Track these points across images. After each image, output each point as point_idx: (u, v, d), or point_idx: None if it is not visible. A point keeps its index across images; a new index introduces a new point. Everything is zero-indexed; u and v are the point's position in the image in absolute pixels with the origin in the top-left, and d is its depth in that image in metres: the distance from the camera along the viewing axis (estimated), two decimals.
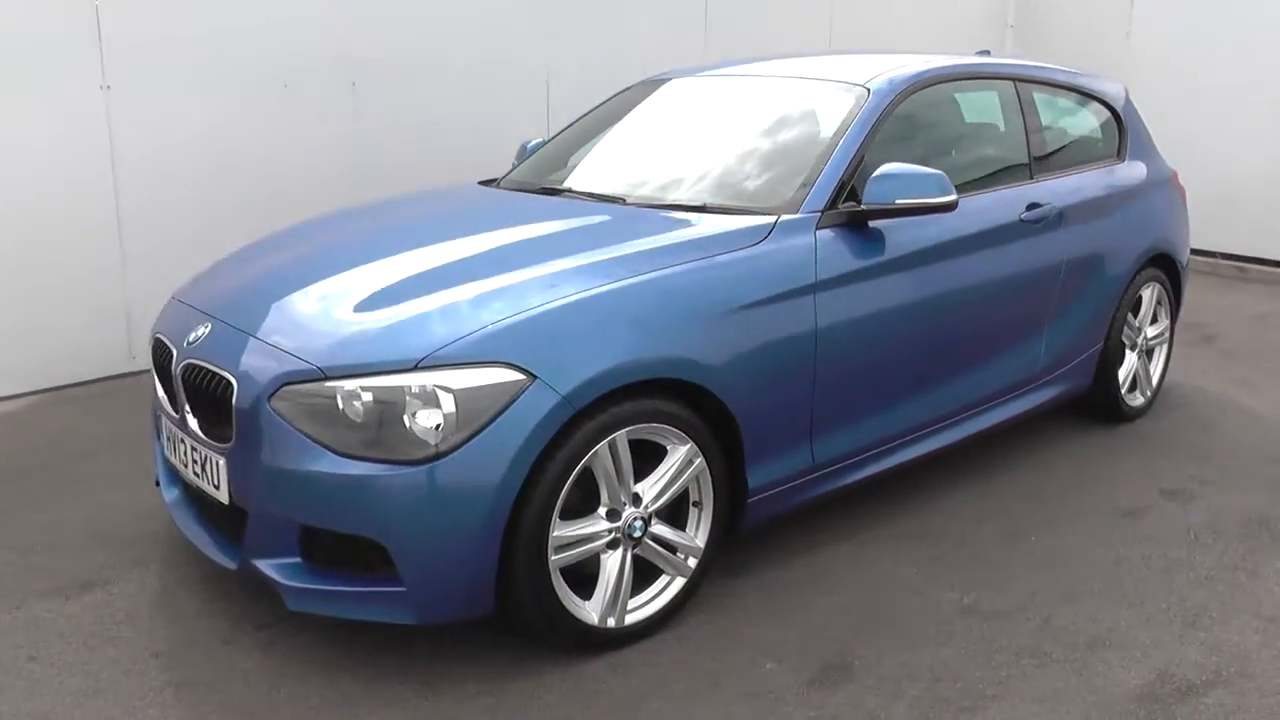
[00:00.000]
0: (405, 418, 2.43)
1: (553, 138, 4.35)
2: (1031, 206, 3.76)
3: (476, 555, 2.47)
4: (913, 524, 3.51)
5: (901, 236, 3.27)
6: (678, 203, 3.30)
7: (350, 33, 5.49)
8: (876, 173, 3.14)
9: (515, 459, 2.43)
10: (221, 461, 2.66)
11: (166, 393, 2.98)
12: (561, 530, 2.57)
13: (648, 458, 2.73)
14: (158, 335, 3.05)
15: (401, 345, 2.50)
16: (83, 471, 4.00)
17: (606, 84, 6.48)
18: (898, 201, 3.12)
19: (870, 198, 3.14)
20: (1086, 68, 4.70)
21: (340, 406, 2.47)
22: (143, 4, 4.83)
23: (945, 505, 3.65)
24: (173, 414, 2.90)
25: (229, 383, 2.62)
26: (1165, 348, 4.60)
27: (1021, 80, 4.03)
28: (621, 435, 2.61)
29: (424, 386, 2.42)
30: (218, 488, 2.70)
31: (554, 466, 2.50)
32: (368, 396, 2.45)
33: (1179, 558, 3.31)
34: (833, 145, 3.29)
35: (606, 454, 2.60)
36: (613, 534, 2.68)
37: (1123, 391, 4.35)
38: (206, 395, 2.71)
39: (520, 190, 3.81)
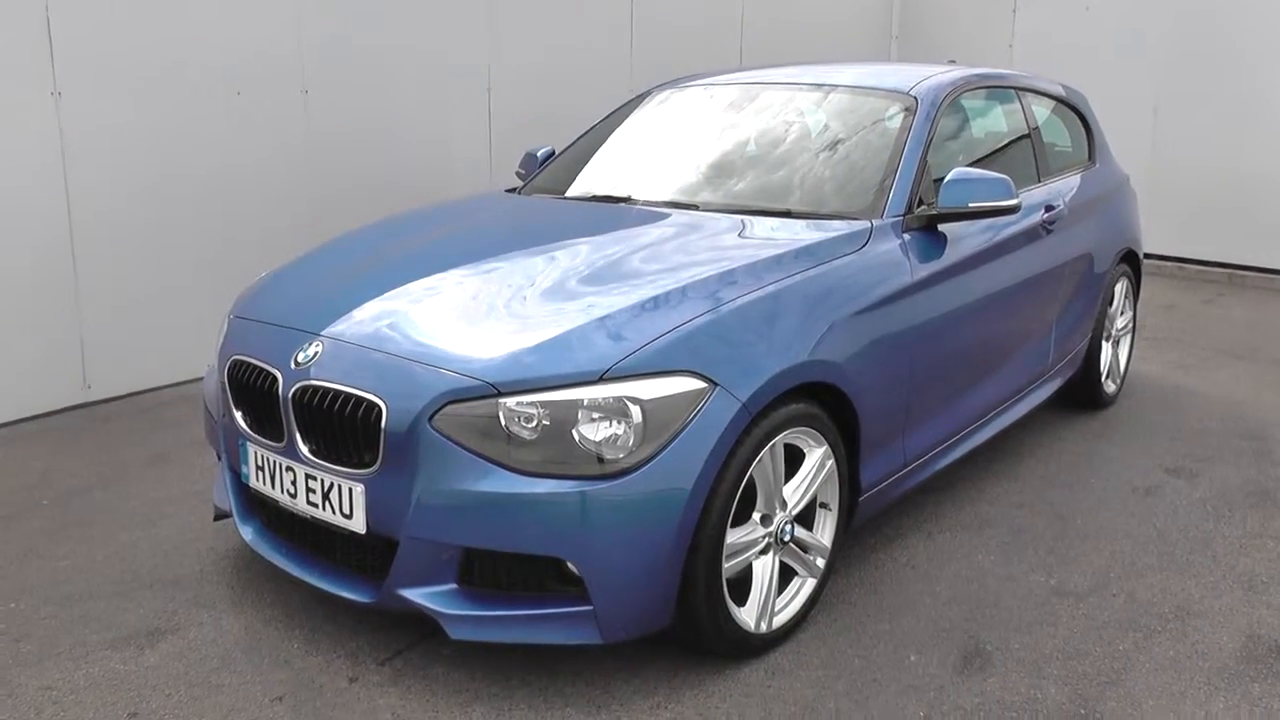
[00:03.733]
0: (591, 431, 2.36)
1: (569, 146, 4.29)
2: (1047, 209, 4.00)
3: (664, 569, 2.42)
4: (968, 514, 3.67)
5: (959, 238, 3.42)
6: (760, 208, 3.34)
7: (301, 40, 5.23)
8: (949, 177, 3.27)
9: (703, 469, 2.40)
10: (358, 489, 2.49)
11: (253, 417, 2.78)
12: (730, 538, 2.55)
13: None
14: (238, 357, 2.82)
15: (579, 357, 2.42)
16: (81, 512, 3.65)
17: (546, 91, 6.48)
18: (971, 205, 3.26)
19: (945, 201, 3.26)
20: None
21: (517, 423, 2.38)
22: (95, 7, 4.45)
23: (988, 495, 3.83)
24: (271, 441, 2.70)
25: (373, 404, 2.46)
26: (1129, 337, 4.98)
27: (1020, 89, 4.28)
28: (779, 440, 2.62)
29: (611, 399, 2.36)
30: (349, 516, 2.53)
31: (730, 474, 2.48)
32: (550, 411, 2.36)
33: (1210, 529, 3.60)
34: (899, 151, 3.40)
35: (769, 459, 2.60)
36: (766, 539, 2.69)
37: (1102, 379, 4.68)
38: (335, 419, 2.54)
39: (575, 199, 3.74)
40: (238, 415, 2.84)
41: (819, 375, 2.71)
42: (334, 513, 2.56)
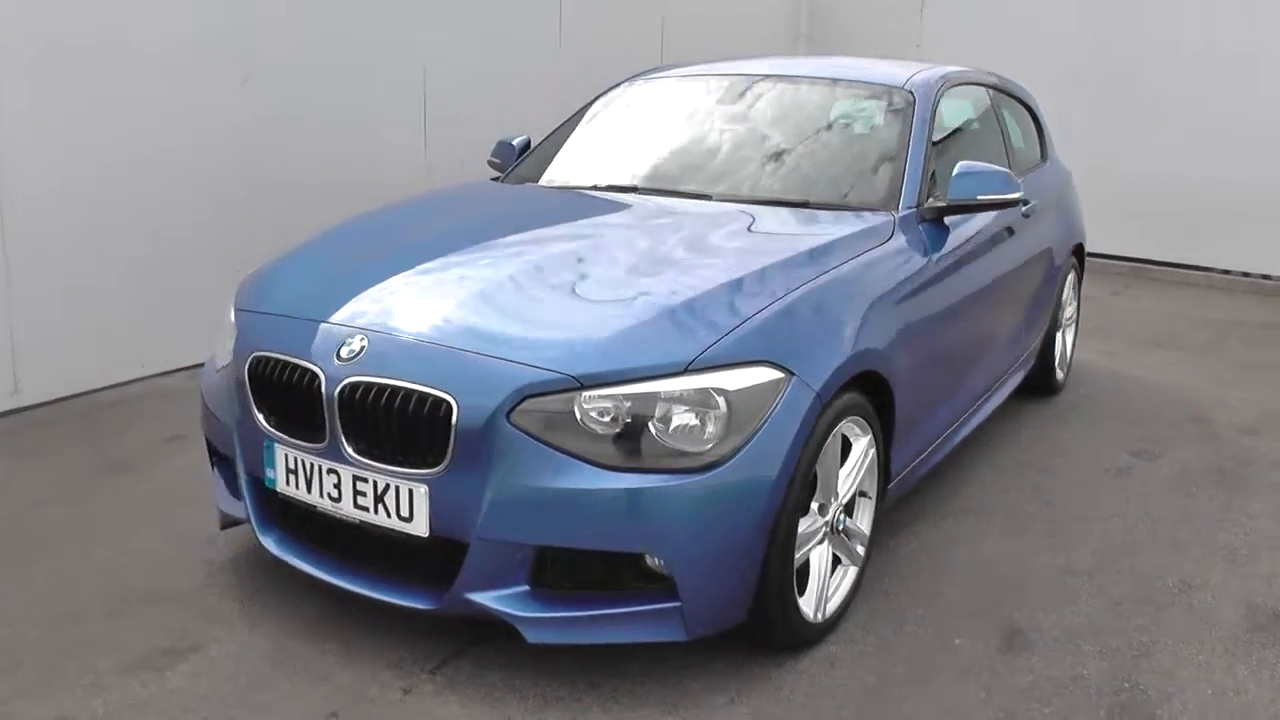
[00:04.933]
0: (677, 424, 2.30)
1: (550, 135, 4.19)
2: (1023, 202, 4.14)
3: (748, 562, 2.39)
4: (962, 501, 3.76)
5: (957, 229, 3.50)
6: (775, 200, 3.33)
7: (240, 24, 4.95)
8: (958, 170, 3.35)
9: (785, 460, 2.38)
10: (420, 489, 2.37)
11: (281, 417, 2.61)
12: (800, 528, 2.54)
13: None
14: (263, 354, 2.64)
15: (661, 348, 2.36)
16: (43, 528, 3.36)
17: (480, 84, 6.33)
18: (979, 197, 3.34)
19: (955, 194, 3.34)
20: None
21: (600, 416, 2.30)
22: None
23: (975, 482, 3.94)
24: (307, 442, 2.54)
25: (440, 400, 2.34)
26: (1074, 327, 5.21)
27: (988, 86, 4.41)
28: (838, 430, 2.62)
29: (698, 390, 2.31)
30: (408, 519, 2.40)
31: (804, 465, 2.47)
32: (634, 404, 2.30)
33: (1185, 506, 3.79)
34: (904, 144, 3.46)
35: (830, 449, 2.60)
36: (824, 528, 2.69)
37: (1055, 367, 4.88)
38: (390, 416, 2.40)
39: (581, 189, 3.66)
40: (259, 416, 2.66)
41: (870, 364, 2.72)
42: (390, 516, 2.43)
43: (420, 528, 2.39)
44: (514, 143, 4.24)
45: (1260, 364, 5.79)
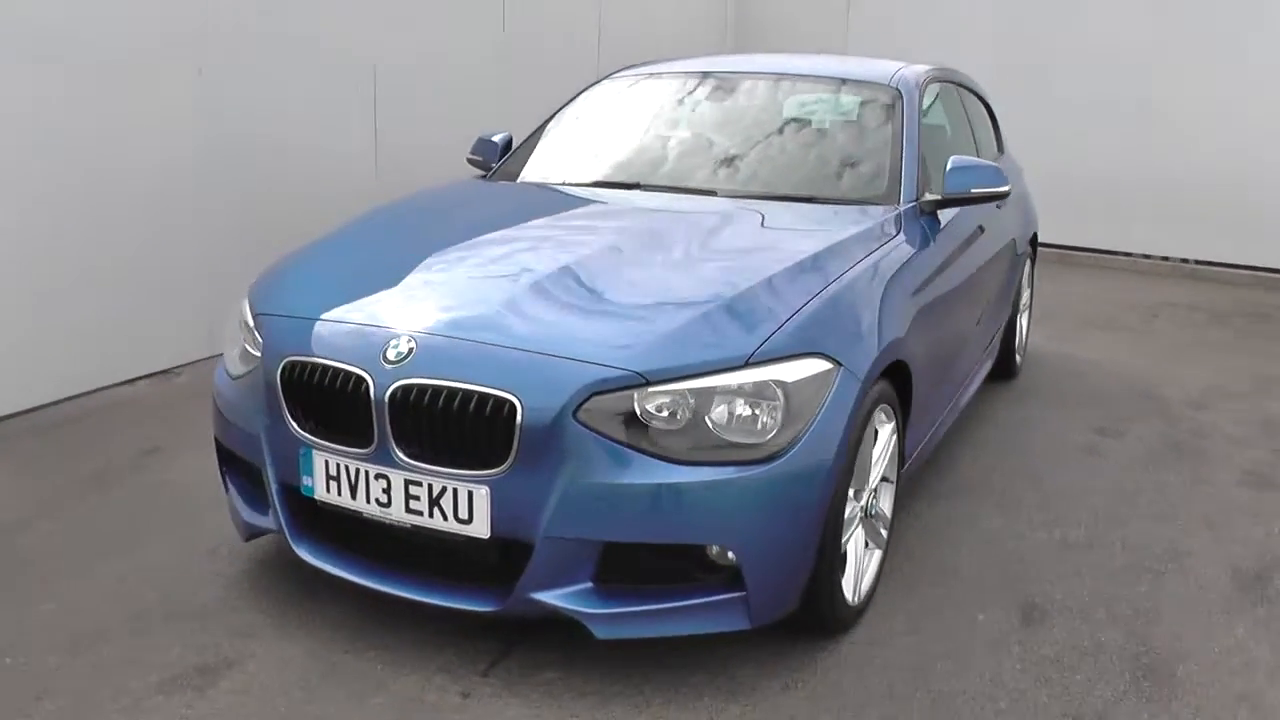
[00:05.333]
0: (741, 416, 2.35)
1: (536, 132, 4.18)
2: None
3: (806, 549, 2.45)
4: (952, 482, 3.89)
5: (948, 221, 3.63)
6: (781, 195, 3.40)
7: (194, 12, 4.80)
8: (952, 165, 3.46)
9: (837, 448, 2.44)
10: (481, 491, 2.35)
11: (320, 422, 2.56)
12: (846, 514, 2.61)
13: None
14: (297, 358, 2.57)
15: (720, 343, 2.40)
16: (35, 545, 3.23)
17: (428, 88, 6.26)
18: (972, 190, 3.46)
19: (950, 187, 3.45)
20: None
21: (665, 411, 2.33)
22: None
23: (959, 463, 4.08)
24: (352, 447, 2.50)
25: (503, 401, 2.33)
26: (1028, 312, 5.42)
27: (954, 83, 4.56)
28: (873, 417, 2.70)
29: (759, 383, 2.36)
30: (466, 521, 2.39)
31: (849, 452, 2.53)
32: (698, 398, 2.33)
33: (1157, 479, 4.00)
34: (899, 140, 3.56)
35: (868, 436, 2.68)
36: (860, 513, 2.76)
37: (1015, 351, 5.08)
38: (447, 419, 2.38)
39: (580, 186, 3.65)
40: (293, 422, 2.61)
41: (898, 353, 2.81)
42: (446, 519, 2.41)
43: (480, 529, 2.38)
44: (495, 140, 4.21)
45: (1192, 342, 6.12)
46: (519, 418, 2.30)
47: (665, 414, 2.34)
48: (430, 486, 2.41)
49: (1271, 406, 4.93)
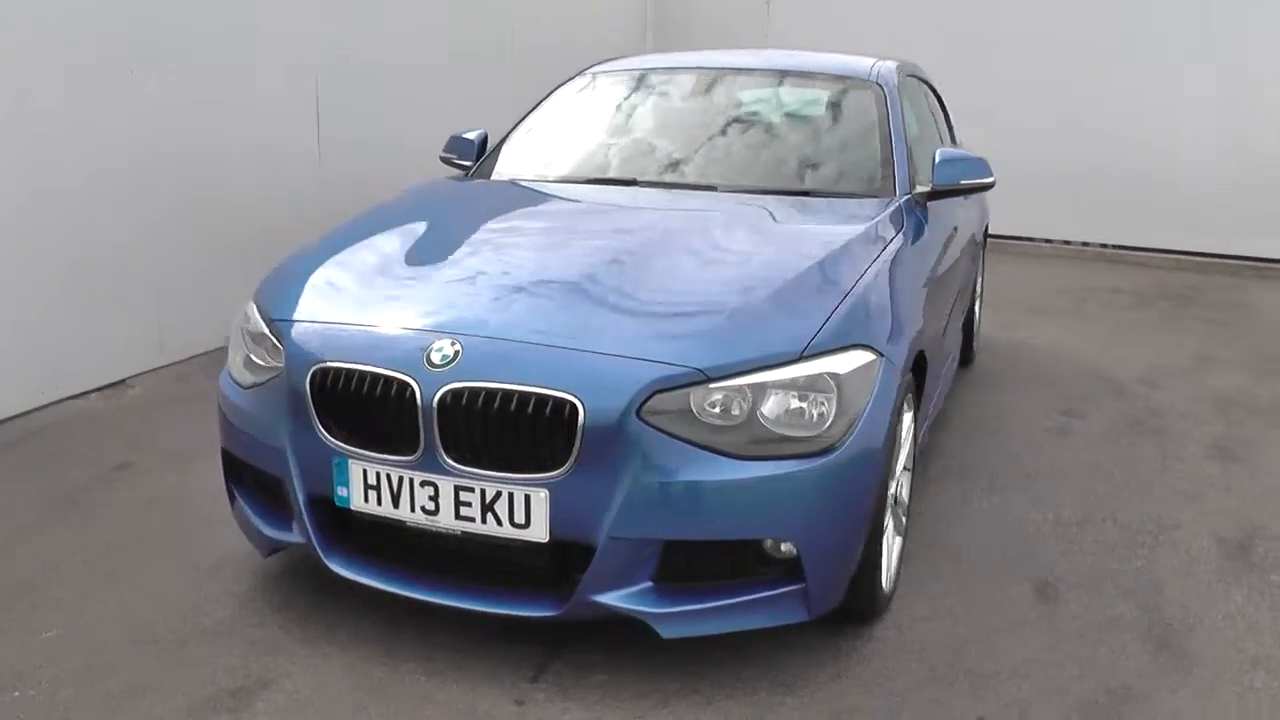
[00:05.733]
0: (799, 410, 2.36)
1: (513, 131, 4.11)
2: None
3: (859, 538, 2.47)
4: (940, 465, 3.99)
5: (935, 211, 3.71)
6: (779, 189, 3.42)
7: (130, 13, 4.59)
8: (941, 158, 3.54)
9: (886, 438, 2.47)
10: (540, 494, 2.31)
11: (356, 430, 2.48)
12: None
13: None
14: (332, 365, 2.48)
15: (774, 337, 2.41)
16: (20, 571, 3.06)
17: (369, 84, 6.11)
18: (961, 182, 3.55)
19: (940, 179, 3.53)
20: None
21: (725, 407, 2.33)
22: None
23: (945, 448, 4.18)
24: (395, 455, 2.43)
25: (563, 402, 2.29)
26: (980, 300, 5.59)
27: (914, 76, 4.65)
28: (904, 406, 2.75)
29: (813, 375, 2.37)
30: (523, 526, 2.34)
31: (892, 441, 2.57)
32: (759, 393, 2.34)
33: (1129, 456, 4.16)
34: (887, 133, 3.62)
35: (902, 425, 2.72)
36: (891, 500, 2.81)
37: (974, 337, 5.24)
38: (501, 422, 2.32)
39: (570, 183, 3.63)
40: (323, 431, 2.52)
41: (921, 343, 2.87)
42: (501, 524, 2.35)
43: (538, 533, 2.34)
44: (470, 137, 4.14)
45: (1126, 324, 6.39)
46: (581, 418, 2.27)
47: (718, 410, 2.34)
48: (483, 492, 2.35)
49: (1215, 383, 5.19)
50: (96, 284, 4.58)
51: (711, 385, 2.32)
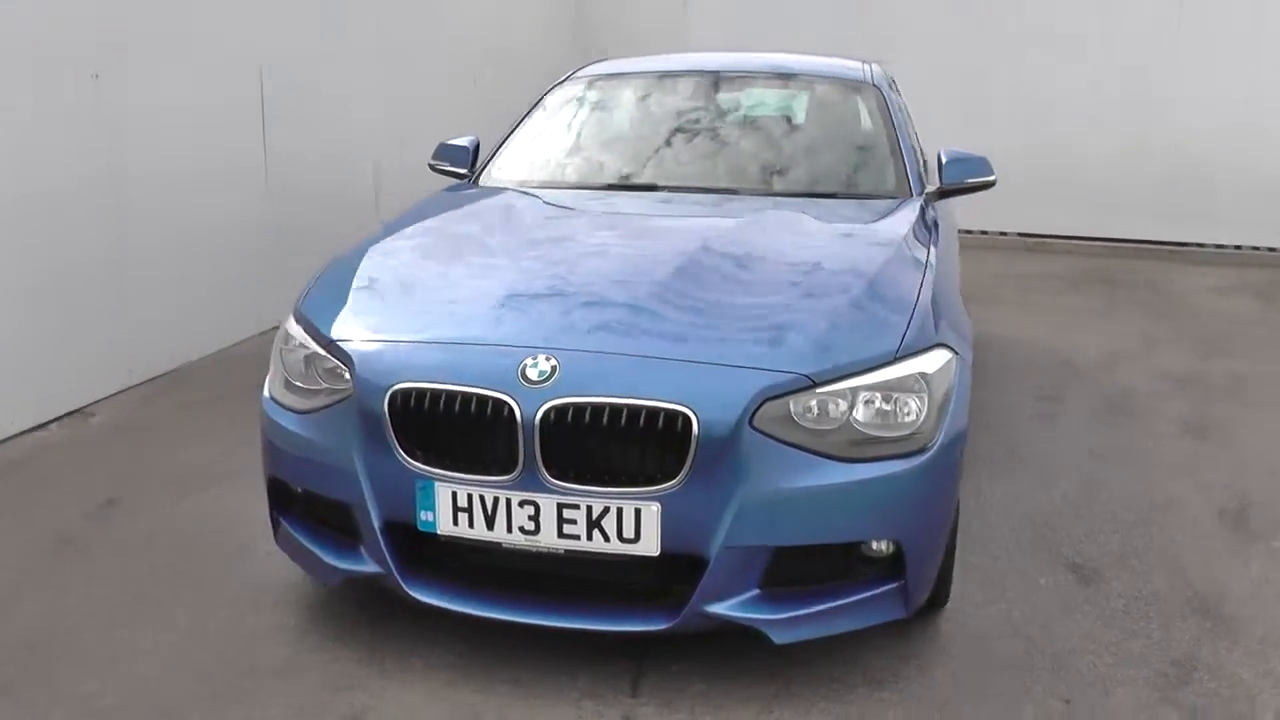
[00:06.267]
0: (899, 410, 2.38)
1: (509, 136, 4.04)
2: None
3: (947, 531, 2.52)
4: None
5: (942, 209, 3.81)
6: (803, 192, 3.46)
7: (90, 16, 4.32)
8: (949, 158, 3.64)
9: (964, 432, 2.53)
10: (651, 508, 2.28)
11: (442, 451, 2.39)
12: None
13: None
14: (412, 385, 2.38)
15: (870, 340, 2.44)
16: (36, 625, 2.85)
17: (314, 90, 5.91)
18: (967, 181, 3.65)
19: (948, 178, 3.63)
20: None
21: (826, 411, 2.34)
22: None
23: None
24: (490, 475, 2.35)
25: (674, 413, 2.26)
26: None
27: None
28: None
29: (908, 376, 2.40)
30: (632, 540, 2.30)
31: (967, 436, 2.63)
32: (862, 395, 2.36)
33: (1112, 437, 4.33)
34: (893, 135, 3.71)
35: None
36: None
37: None
38: (610, 437, 2.29)
39: (589, 188, 3.62)
40: (404, 455, 2.42)
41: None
42: (609, 540, 2.31)
43: (649, 547, 2.30)
44: (464, 144, 4.06)
45: (1070, 309, 6.65)
46: (695, 430, 2.25)
47: (814, 414, 2.36)
48: (589, 509, 2.30)
49: (1168, 363, 5.46)
50: (53, 308, 4.29)
51: (820, 389, 2.33)
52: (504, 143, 4.05)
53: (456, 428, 2.38)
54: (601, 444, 2.30)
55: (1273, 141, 8.31)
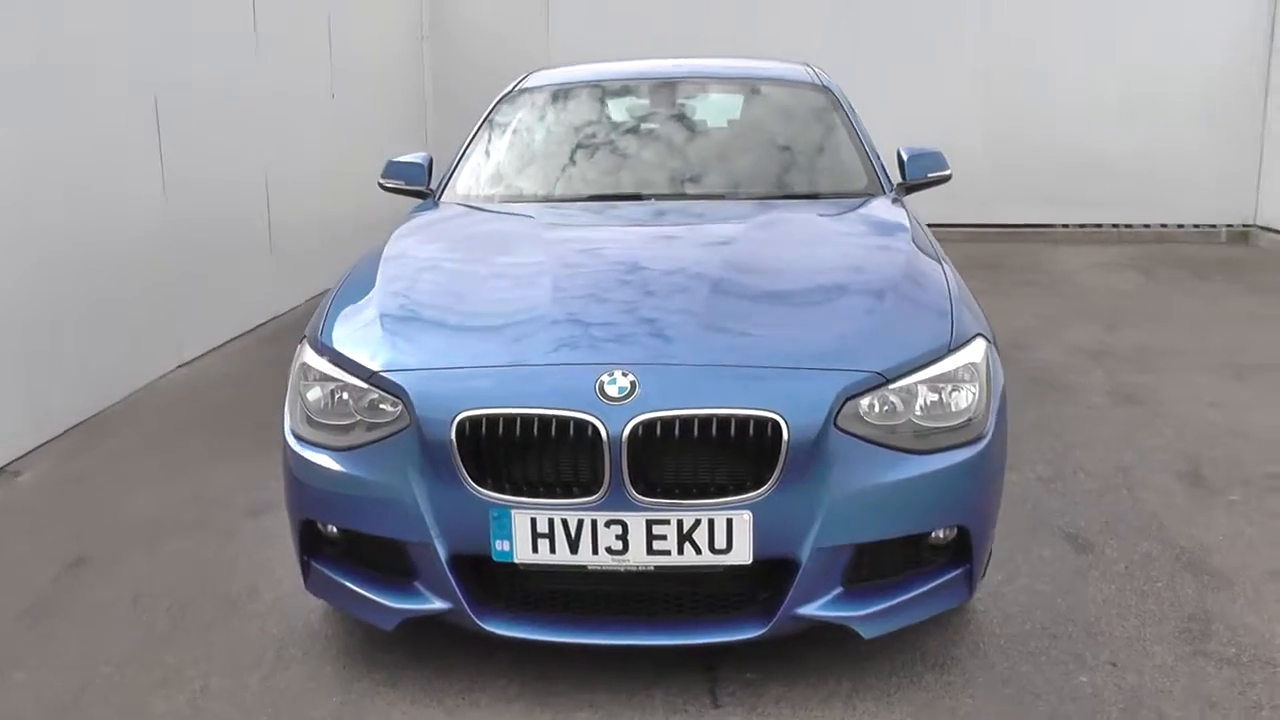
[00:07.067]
0: (957, 400, 2.46)
1: (465, 151, 3.93)
2: None
3: (998, 514, 2.61)
4: None
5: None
6: (787, 194, 3.52)
7: None
8: (910, 154, 3.78)
9: (1006, 416, 2.63)
10: (743, 516, 2.27)
11: (509, 479, 2.33)
12: None
13: None
14: (480, 412, 2.30)
15: (924, 335, 2.50)
16: (33, 705, 2.59)
17: (213, 113, 5.60)
18: (929, 175, 3.80)
19: (912, 174, 3.77)
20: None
21: (892, 406, 2.39)
22: None
23: None
24: (574, 498, 2.30)
25: (766, 420, 2.26)
26: None
27: None
28: None
29: (963, 366, 2.49)
30: (724, 551, 2.29)
31: None
32: (929, 388, 2.43)
33: (1051, 412, 4.57)
34: (854, 135, 3.82)
35: None
36: None
37: None
38: (706, 447, 2.28)
39: (575, 200, 3.58)
40: (474, 484, 2.33)
41: None
42: (701, 553, 2.29)
43: (742, 556, 2.30)
44: (417, 161, 3.95)
45: (980, 291, 6.97)
46: (785, 435, 2.26)
47: (879, 410, 2.41)
48: (680, 523, 2.28)
49: (1073, 339, 5.81)
50: None
51: (892, 385, 2.38)
52: (461, 158, 3.95)
53: (531, 452, 2.32)
54: (688, 457, 2.29)
55: (1140, 127, 9.01)
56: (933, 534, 2.50)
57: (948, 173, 3.87)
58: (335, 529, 2.58)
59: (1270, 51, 8.88)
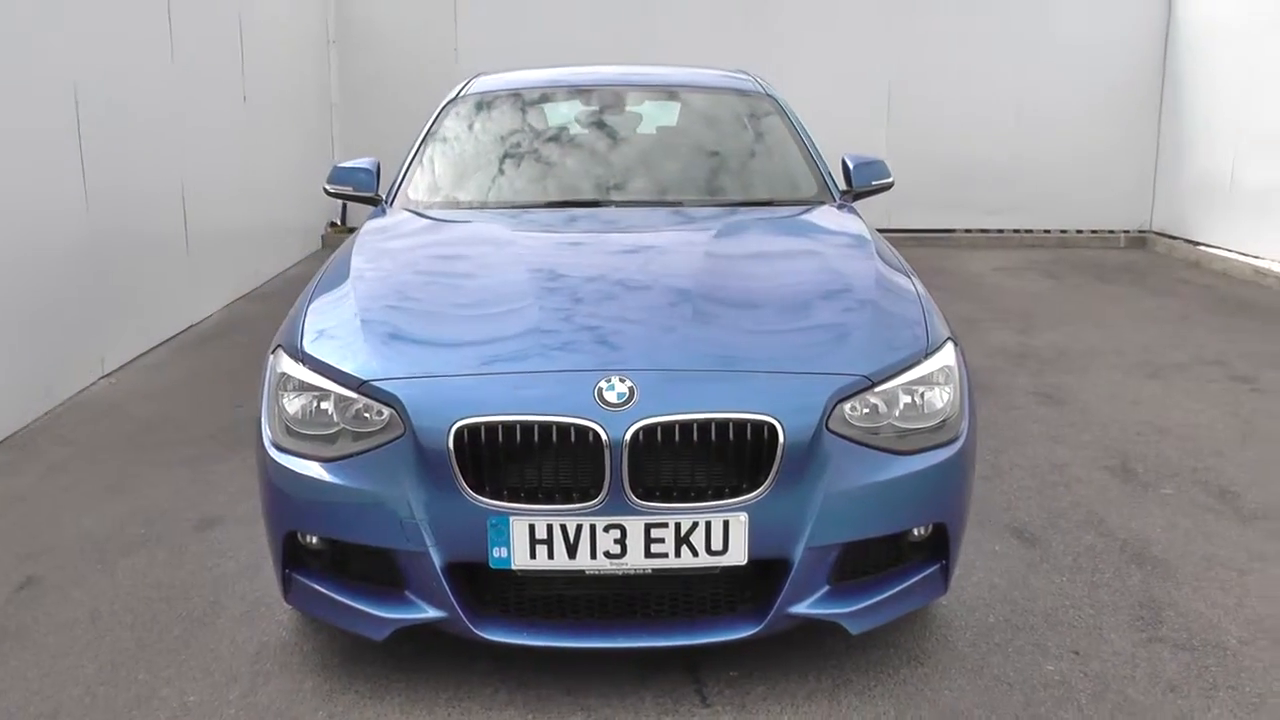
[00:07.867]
0: (934, 401, 2.56)
1: (414, 156, 3.90)
2: None
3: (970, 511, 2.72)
4: None
5: None
6: (742, 201, 3.60)
7: None
8: (855, 162, 3.90)
9: (974, 415, 2.74)
10: (739, 518, 2.33)
11: (507, 486, 2.34)
12: None
13: None
14: (478, 420, 2.30)
15: (903, 340, 2.59)
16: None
17: (140, 112, 5.42)
18: (873, 183, 3.93)
19: (859, 182, 3.89)
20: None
21: (874, 409, 2.48)
22: None
23: None
24: (574, 504, 2.32)
25: (762, 423, 2.32)
26: None
27: None
28: None
29: (940, 369, 2.59)
30: (720, 552, 2.34)
31: None
32: (911, 390, 2.52)
33: (980, 416, 4.78)
34: (801, 142, 3.92)
35: None
36: None
37: None
38: (704, 451, 2.33)
39: (534, 206, 3.60)
40: (471, 493, 2.33)
41: None
42: (698, 555, 2.33)
43: (737, 557, 2.35)
44: (365, 166, 3.91)
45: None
46: (781, 438, 2.32)
47: (862, 412, 2.49)
48: (677, 526, 2.32)
49: (992, 340, 6.04)
50: None
51: (878, 388, 2.47)
52: (410, 164, 3.92)
53: (530, 459, 2.33)
54: (685, 460, 2.33)
55: (1041, 135, 9.41)
56: (913, 531, 2.60)
57: (890, 180, 4.00)
58: (317, 540, 2.55)
59: (1164, 62, 9.39)
